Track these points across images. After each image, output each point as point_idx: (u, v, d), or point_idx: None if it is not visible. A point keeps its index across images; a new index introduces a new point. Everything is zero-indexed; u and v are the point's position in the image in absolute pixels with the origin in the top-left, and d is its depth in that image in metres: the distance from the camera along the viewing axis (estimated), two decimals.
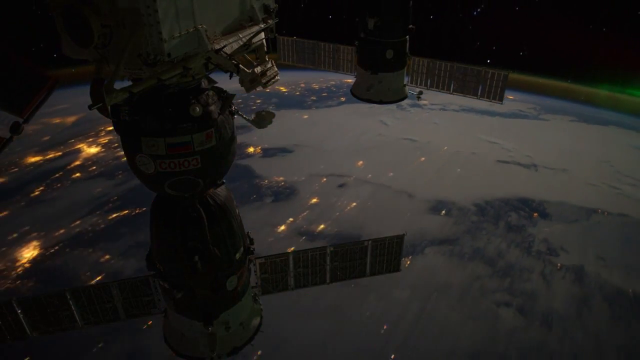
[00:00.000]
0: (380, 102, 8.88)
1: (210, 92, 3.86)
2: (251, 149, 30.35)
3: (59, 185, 25.71)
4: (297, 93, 41.43)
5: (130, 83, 3.23)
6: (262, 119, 4.41)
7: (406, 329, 15.68)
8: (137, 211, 21.46)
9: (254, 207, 23.09)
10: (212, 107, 3.76)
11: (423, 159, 28.61)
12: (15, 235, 21.34)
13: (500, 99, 8.82)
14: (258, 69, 3.87)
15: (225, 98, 3.94)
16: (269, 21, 4.06)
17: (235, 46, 3.64)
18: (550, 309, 16.60)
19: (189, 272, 4.14)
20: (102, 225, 22.01)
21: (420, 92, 8.98)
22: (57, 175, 26.47)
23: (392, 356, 14.81)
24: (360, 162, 28.00)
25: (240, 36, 3.68)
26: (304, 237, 21.14)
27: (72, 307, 5.24)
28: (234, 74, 3.65)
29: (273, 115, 4.45)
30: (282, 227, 21.67)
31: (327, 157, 28.60)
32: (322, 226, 21.87)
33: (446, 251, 19.42)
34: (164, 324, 5.23)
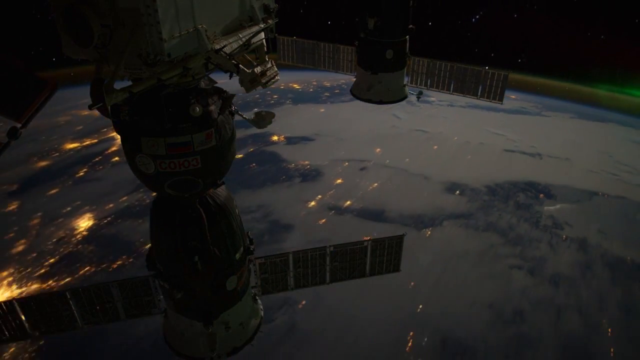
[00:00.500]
0: (380, 102, 8.88)
1: (210, 92, 3.86)
2: (275, 137, 33.07)
3: (100, 167, 27.86)
4: (311, 90, 43.83)
5: (130, 83, 3.23)
6: (262, 119, 4.41)
7: (431, 286, 17.99)
8: None
9: (285, 186, 26.12)
10: (212, 107, 3.77)
11: (435, 147, 31.61)
12: (69, 208, 23.21)
13: (500, 99, 8.82)
14: (258, 69, 3.87)
15: (225, 98, 3.94)
16: (269, 21, 4.06)
17: (235, 46, 3.64)
18: (557, 271, 18.94)
19: (189, 272, 4.14)
20: (148, 201, 22.97)
21: (420, 92, 8.98)
22: (97, 159, 28.47)
23: (420, 306, 17.14)
24: (378, 150, 30.83)
25: (240, 36, 3.68)
26: (332, 212, 23.93)
27: (72, 307, 5.24)
28: (234, 74, 3.65)
29: (273, 115, 4.45)
30: (313, 203, 24.49)
31: (347, 144, 31.49)
32: (348, 202, 24.51)
33: (462, 224, 22.07)
34: (164, 324, 5.23)
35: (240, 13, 3.76)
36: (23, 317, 5.20)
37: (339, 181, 26.87)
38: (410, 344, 15.69)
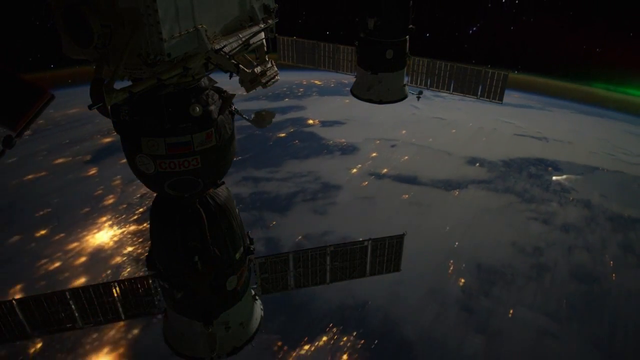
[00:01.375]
0: (380, 102, 8.88)
1: (210, 92, 3.86)
2: (310, 121, 37.82)
3: None
4: (332, 85, 47.36)
5: (130, 83, 3.23)
6: (262, 119, 4.41)
7: (463, 230, 22.53)
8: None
9: (328, 158, 31.07)
10: (212, 107, 3.76)
11: (453, 130, 36.28)
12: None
13: (500, 98, 8.83)
14: (258, 69, 3.87)
15: (225, 98, 3.94)
16: (269, 21, 4.06)
17: (235, 46, 3.64)
18: (567, 222, 23.66)
19: (189, 272, 4.14)
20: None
21: (420, 92, 8.98)
22: None
23: (456, 243, 21.54)
24: (404, 131, 35.57)
25: (240, 36, 3.68)
26: (372, 176, 28.57)
27: (72, 307, 5.24)
28: (234, 74, 3.65)
29: (273, 115, 4.45)
30: (354, 170, 29.25)
31: (375, 127, 35.22)
32: (385, 170, 29.25)
33: (484, 187, 27.04)
34: (164, 324, 5.23)
35: (240, 13, 3.76)
36: (22, 317, 5.20)
37: (374, 154, 31.71)
38: (451, 269, 19.93)
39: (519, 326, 16.33)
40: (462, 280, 19.07)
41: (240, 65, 3.63)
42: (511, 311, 17.18)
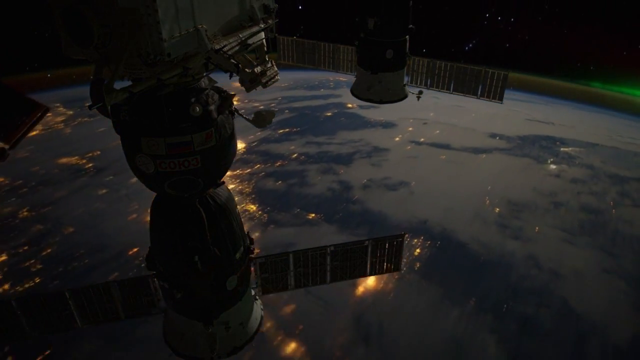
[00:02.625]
0: (380, 102, 8.89)
1: (210, 92, 3.86)
2: (350, 105, 41.58)
3: None
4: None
5: (130, 83, 3.22)
6: (262, 119, 4.41)
7: (492, 179, 28.49)
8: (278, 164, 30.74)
9: (372, 130, 36.54)
10: (212, 107, 3.76)
11: (473, 115, 40.68)
12: None
13: (500, 98, 8.83)
14: (258, 69, 3.87)
15: (224, 98, 3.94)
16: (269, 21, 4.06)
17: (235, 46, 3.64)
18: (574, 177, 29.75)
19: (189, 272, 4.14)
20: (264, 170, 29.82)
21: (420, 92, 8.98)
22: None
23: (489, 187, 27.46)
24: (431, 114, 40.40)
25: (240, 36, 3.68)
26: (413, 144, 34.60)
27: (72, 307, 5.23)
28: (234, 74, 3.65)
29: (273, 114, 4.45)
30: (397, 139, 35.38)
31: (406, 111, 39.18)
32: (422, 139, 35.37)
33: (505, 153, 33.26)
34: (164, 324, 5.23)
35: (240, 13, 3.76)
36: (22, 317, 5.20)
37: (410, 129, 37.64)
38: (487, 202, 25.85)
39: (544, 236, 22.70)
40: (497, 209, 25.32)
41: (240, 65, 3.62)
42: (537, 228, 23.47)
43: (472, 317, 16.96)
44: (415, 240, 21.57)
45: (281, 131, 35.17)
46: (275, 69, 4.09)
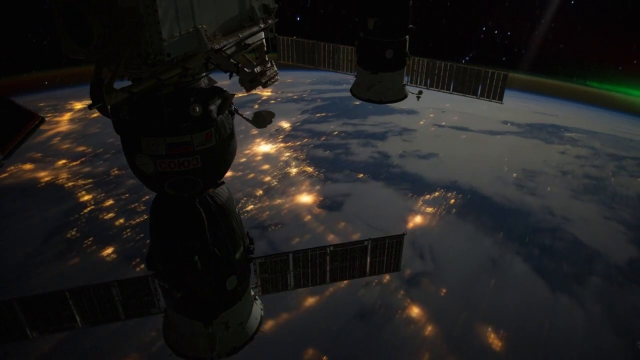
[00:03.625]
0: (380, 102, 8.89)
1: (210, 92, 3.86)
2: None
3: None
4: None
5: (130, 83, 3.23)
6: (262, 119, 4.41)
7: (508, 154, 33.00)
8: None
9: (398, 116, 39.79)
10: (212, 107, 3.76)
11: (485, 106, 46.51)
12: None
13: (500, 98, 8.83)
14: (258, 69, 3.88)
15: (224, 98, 3.94)
16: (269, 21, 4.07)
17: (235, 46, 3.64)
18: (578, 154, 33.96)
19: (189, 272, 4.14)
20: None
21: (420, 92, 8.99)
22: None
23: (505, 159, 31.99)
24: (447, 104, 42.64)
25: (240, 36, 3.68)
26: (435, 126, 38.83)
27: (72, 307, 5.24)
28: (234, 74, 3.65)
29: (273, 115, 4.45)
30: (421, 122, 39.36)
31: (424, 101, 39.55)
32: (443, 123, 39.47)
33: (517, 135, 37.63)
34: (163, 324, 5.23)
35: (240, 13, 3.76)
36: (22, 317, 5.20)
37: (431, 115, 41.15)
38: (505, 169, 30.55)
39: (555, 194, 27.55)
40: (514, 174, 29.81)
41: (240, 65, 3.63)
42: (549, 188, 28.17)
43: (501, 244, 22.09)
44: (449, 194, 26.83)
45: (318, 115, 39.40)
46: (275, 68, 4.10)
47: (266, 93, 42.98)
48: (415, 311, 17.31)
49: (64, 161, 28.92)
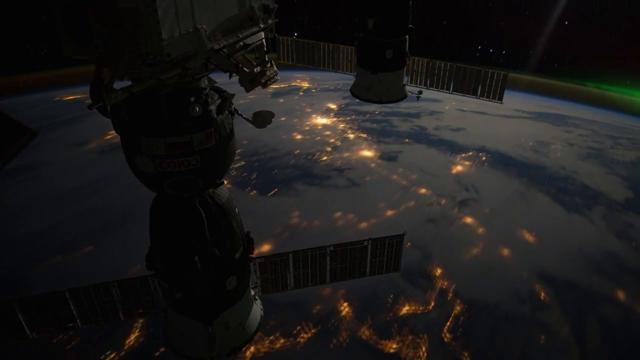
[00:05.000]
0: (380, 102, 8.90)
1: (210, 92, 3.86)
2: None
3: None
4: None
5: (130, 83, 3.23)
6: (263, 119, 4.41)
7: (523, 131, 37.95)
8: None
9: (425, 103, 42.17)
10: (212, 107, 3.77)
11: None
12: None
13: (500, 98, 8.84)
14: (257, 69, 3.88)
15: (224, 98, 3.94)
16: (269, 21, 4.07)
17: (235, 46, 3.64)
18: (581, 134, 38.54)
19: (189, 272, 4.14)
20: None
21: (420, 92, 8.99)
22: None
23: (522, 139, 35.84)
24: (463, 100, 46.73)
25: (240, 36, 3.68)
26: (459, 110, 42.46)
27: (72, 307, 5.24)
28: (234, 74, 3.65)
29: (273, 115, 4.45)
30: (447, 107, 42.75)
31: (443, 94, 46.49)
32: (465, 108, 42.39)
33: (528, 119, 42.21)
34: (163, 324, 5.23)
35: (239, 13, 3.76)
36: (22, 317, 5.20)
37: (453, 102, 43.29)
38: (522, 140, 35.77)
39: (564, 157, 33.38)
40: (530, 143, 35.27)
41: (240, 65, 3.63)
42: (559, 153, 34.11)
43: (526, 184, 28.76)
44: (480, 154, 32.81)
45: (357, 100, 43.64)
46: (275, 68, 4.10)
47: (304, 84, 46.65)
48: (468, 220, 24.51)
49: None
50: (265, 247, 20.74)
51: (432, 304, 18.26)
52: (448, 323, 17.36)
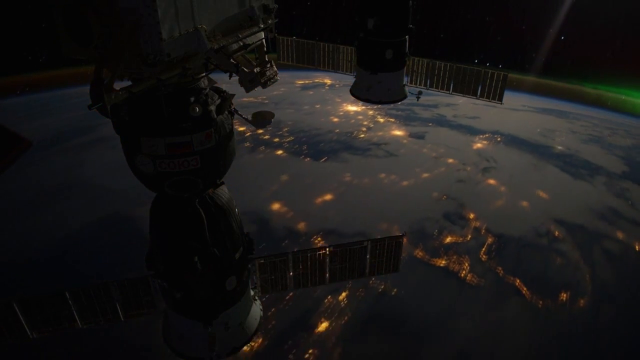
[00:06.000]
0: (380, 102, 8.90)
1: (210, 92, 3.87)
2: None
3: None
4: None
5: (130, 83, 3.23)
6: (263, 118, 4.42)
7: (532, 120, 42.41)
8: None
9: (440, 97, 42.87)
10: (212, 107, 3.77)
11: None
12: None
13: (500, 99, 8.84)
14: (257, 69, 3.88)
15: (224, 98, 3.95)
16: (269, 21, 4.07)
17: (235, 46, 3.65)
18: (582, 124, 42.30)
19: (189, 272, 4.14)
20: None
21: (420, 92, 8.99)
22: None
23: (529, 122, 40.71)
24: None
25: (240, 36, 3.69)
26: (472, 103, 41.97)
27: (72, 307, 5.24)
28: (234, 74, 3.65)
29: (273, 115, 4.46)
30: (460, 101, 41.26)
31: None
32: (476, 102, 41.71)
33: (535, 112, 45.31)
34: (163, 324, 5.23)
35: (239, 13, 3.76)
36: (22, 317, 5.20)
37: (460, 101, 44.62)
38: (533, 126, 39.86)
39: (570, 141, 37.49)
40: (538, 130, 39.45)
41: (240, 65, 3.63)
42: (564, 138, 38.31)
43: (537, 158, 33.43)
44: (496, 136, 36.75)
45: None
46: (275, 69, 4.10)
47: (327, 81, 48.52)
48: (491, 181, 29.67)
49: None
50: (328, 197, 26.29)
51: (469, 236, 23.62)
52: (483, 249, 22.57)
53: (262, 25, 3.96)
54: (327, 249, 5.73)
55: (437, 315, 18.24)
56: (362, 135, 35.27)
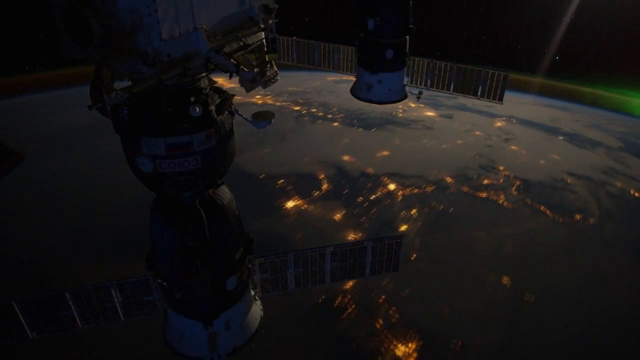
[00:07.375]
0: (380, 102, 8.88)
1: (210, 92, 3.86)
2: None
3: None
4: None
5: (130, 83, 3.22)
6: (263, 118, 4.41)
7: (538, 113, 45.18)
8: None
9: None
10: (212, 107, 3.76)
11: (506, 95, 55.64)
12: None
13: (500, 99, 8.83)
14: (257, 69, 3.88)
15: (224, 98, 3.94)
16: (269, 21, 4.07)
17: (235, 46, 3.64)
18: (584, 116, 45.90)
19: (189, 272, 4.14)
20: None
21: (420, 92, 8.98)
22: None
23: (538, 113, 45.31)
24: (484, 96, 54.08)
25: (240, 36, 3.68)
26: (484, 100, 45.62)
27: (72, 307, 5.24)
28: (234, 74, 3.65)
29: (273, 115, 4.45)
30: (473, 102, 45.24)
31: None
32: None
33: (542, 106, 48.02)
34: (163, 324, 5.23)
35: (239, 13, 3.76)
36: (22, 318, 5.20)
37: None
38: (540, 113, 45.18)
39: (574, 129, 41.34)
40: (546, 117, 43.87)
41: (240, 66, 3.63)
42: (569, 123, 42.97)
43: (549, 134, 39.86)
44: (511, 119, 41.77)
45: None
46: (275, 69, 4.10)
47: (351, 78, 50.83)
48: (513, 147, 36.73)
49: None
50: (385, 153, 33.66)
51: (502, 180, 31.00)
52: (513, 187, 30.06)
53: (262, 25, 3.96)
54: (328, 249, 5.73)
55: (486, 221, 26.36)
56: (400, 114, 42.00)
